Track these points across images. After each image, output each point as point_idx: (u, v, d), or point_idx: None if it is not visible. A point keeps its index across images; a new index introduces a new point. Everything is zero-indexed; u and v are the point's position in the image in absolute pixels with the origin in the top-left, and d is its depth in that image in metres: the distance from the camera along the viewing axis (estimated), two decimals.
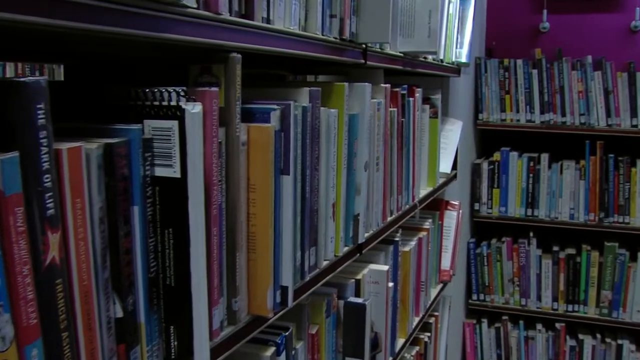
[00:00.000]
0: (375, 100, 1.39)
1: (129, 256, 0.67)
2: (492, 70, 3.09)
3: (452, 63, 2.25)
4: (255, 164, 0.88)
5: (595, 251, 3.03)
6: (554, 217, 3.05)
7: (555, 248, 3.10)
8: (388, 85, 1.47)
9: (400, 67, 1.58)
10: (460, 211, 2.44)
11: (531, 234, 3.12)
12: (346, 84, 1.18)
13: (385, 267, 1.46)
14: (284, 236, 0.94)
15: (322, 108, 1.10)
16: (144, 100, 0.69)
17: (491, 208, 3.14)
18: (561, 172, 3.03)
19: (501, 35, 3.30)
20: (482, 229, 3.32)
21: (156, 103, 0.69)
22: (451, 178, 2.35)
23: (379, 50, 1.40)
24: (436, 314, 2.32)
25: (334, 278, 1.31)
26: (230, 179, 0.85)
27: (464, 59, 2.35)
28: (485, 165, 3.13)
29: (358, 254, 1.35)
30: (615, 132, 2.93)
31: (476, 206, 3.16)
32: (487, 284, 3.19)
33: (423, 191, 1.96)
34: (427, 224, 2.04)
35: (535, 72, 3.02)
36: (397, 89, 1.57)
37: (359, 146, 1.28)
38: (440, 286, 2.31)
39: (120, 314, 0.66)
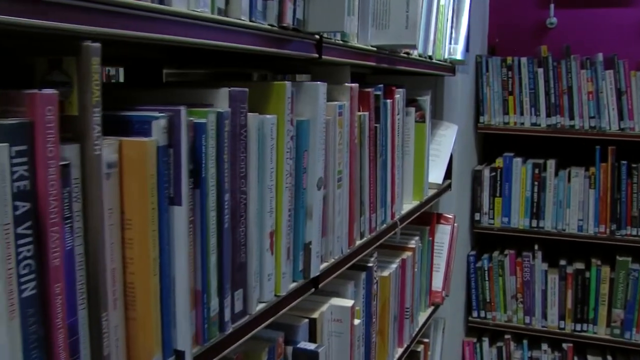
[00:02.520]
0: (335, 102, 1.15)
1: None
2: (494, 70, 2.85)
3: (445, 60, 2.01)
4: (130, 192, 0.65)
5: (606, 266, 2.79)
6: (561, 228, 2.81)
7: (563, 262, 2.86)
8: (354, 85, 1.24)
9: (372, 64, 1.34)
10: (456, 225, 2.19)
11: (536, 247, 2.89)
12: (288, 83, 0.95)
13: (349, 302, 1.23)
14: (178, 285, 0.71)
15: (251, 114, 0.87)
16: None
17: (493, 218, 2.90)
18: (569, 180, 2.79)
19: (505, 31, 3.05)
20: (483, 241, 3.08)
21: None
22: (444, 189, 2.11)
23: (341, 42, 1.17)
24: (426, 340, 2.08)
25: (283, 318, 1.08)
26: (90, 213, 0.62)
27: (459, 56, 2.10)
28: (486, 172, 2.89)
29: (313, 290, 1.12)
30: (629, 137, 2.69)
31: (477, 216, 2.92)
32: (488, 300, 2.95)
33: (407, 206, 1.72)
34: (413, 243, 1.80)
35: (541, 71, 2.77)
36: (369, 89, 1.33)
37: (310, 159, 1.05)
38: (431, 309, 2.07)
39: None
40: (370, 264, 1.42)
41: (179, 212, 0.69)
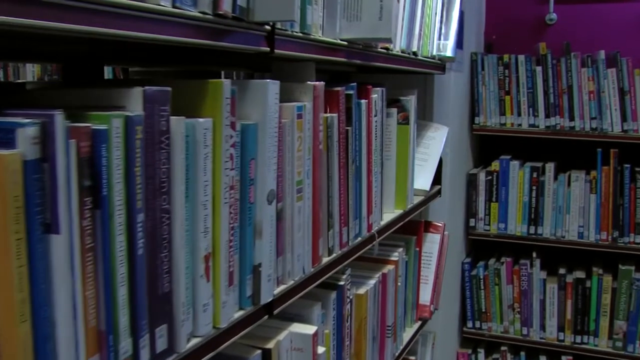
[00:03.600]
0: (294, 103, 1.02)
1: None
2: (490, 68, 2.70)
3: (433, 57, 1.87)
4: None
5: (608, 275, 2.65)
6: (561, 235, 2.68)
7: (562, 271, 2.72)
8: (319, 84, 1.10)
9: (342, 59, 1.21)
10: (446, 233, 2.05)
11: (534, 255, 2.75)
12: (227, 80, 0.81)
13: (311, 329, 1.09)
14: (60, 329, 0.57)
15: (175, 117, 0.74)
16: None
17: (489, 224, 2.76)
18: (569, 185, 2.65)
19: (502, 27, 2.91)
20: (478, 248, 2.94)
21: None
22: (432, 196, 1.97)
23: (301, 35, 1.03)
24: (412, 358, 1.94)
25: (232, 350, 0.95)
26: None
27: (449, 53, 1.96)
28: (482, 176, 2.75)
29: (265, 317, 0.98)
30: (632, 139, 2.55)
31: (472, 222, 2.78)
32: (483, 310, 2.81)
33: (389, 215, 1.58)
34: (396, 255, 1.66)
35: (539, 69, 2.63)
36: (339, 88, 1.20)
37: (259, 169, 0.91)
38: (418, 324, 1.93)
39: None
40: (341, 282, 1.29)
41: (57, 241, 0.56)
